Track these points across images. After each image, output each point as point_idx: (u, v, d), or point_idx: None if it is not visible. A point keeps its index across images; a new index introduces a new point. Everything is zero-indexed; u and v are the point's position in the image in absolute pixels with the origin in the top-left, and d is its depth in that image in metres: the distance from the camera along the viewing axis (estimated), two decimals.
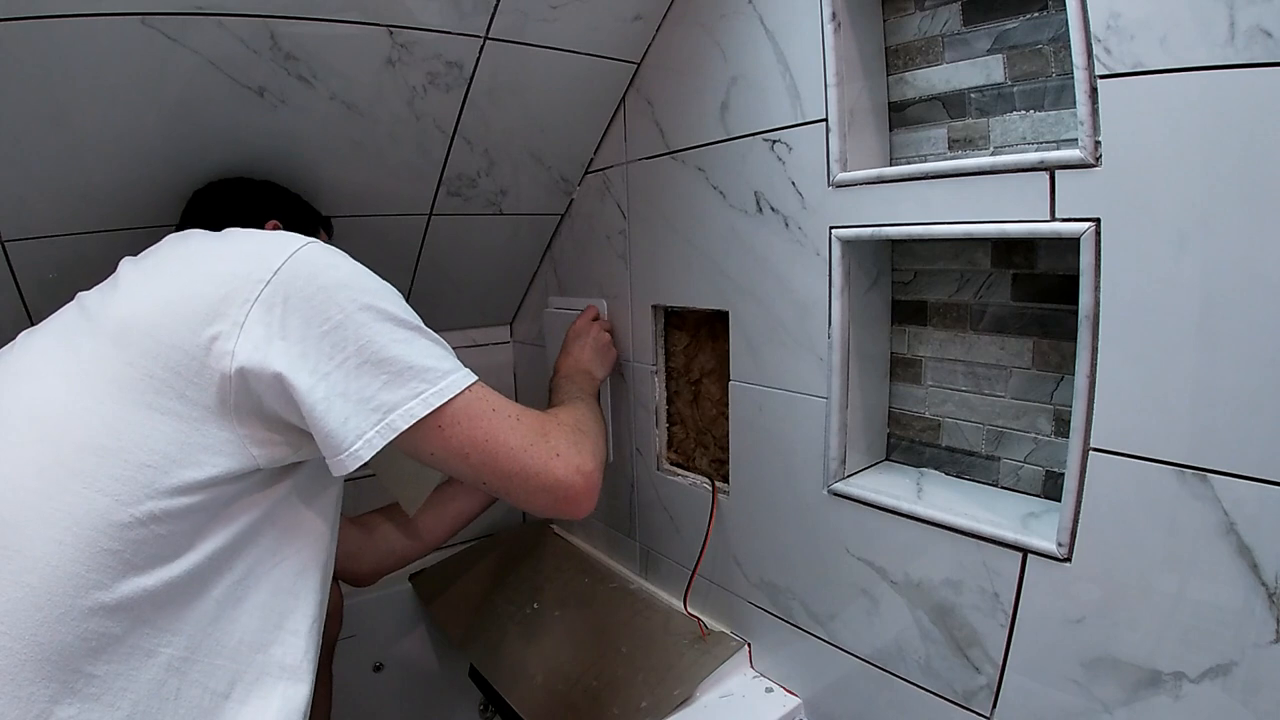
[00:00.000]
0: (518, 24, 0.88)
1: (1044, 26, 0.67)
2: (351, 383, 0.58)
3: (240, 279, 0.57)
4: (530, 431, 0.67)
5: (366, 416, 0.58)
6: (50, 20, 0.66)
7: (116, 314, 0.58)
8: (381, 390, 0.59)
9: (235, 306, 0.56)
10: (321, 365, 0.57)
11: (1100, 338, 0.58)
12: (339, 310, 0.58)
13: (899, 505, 0.74)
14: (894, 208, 0.72)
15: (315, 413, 0.57)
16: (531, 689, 1.00)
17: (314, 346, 0.57)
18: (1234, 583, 0.52)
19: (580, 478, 0.68)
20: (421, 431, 0.60)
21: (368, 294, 0.60)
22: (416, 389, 0.60)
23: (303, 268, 0.58)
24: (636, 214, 1.08)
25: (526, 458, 0.65)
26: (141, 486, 0.53)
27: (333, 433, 0.57)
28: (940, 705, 0.74)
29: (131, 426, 0.54)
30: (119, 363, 0.55)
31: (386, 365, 0.59)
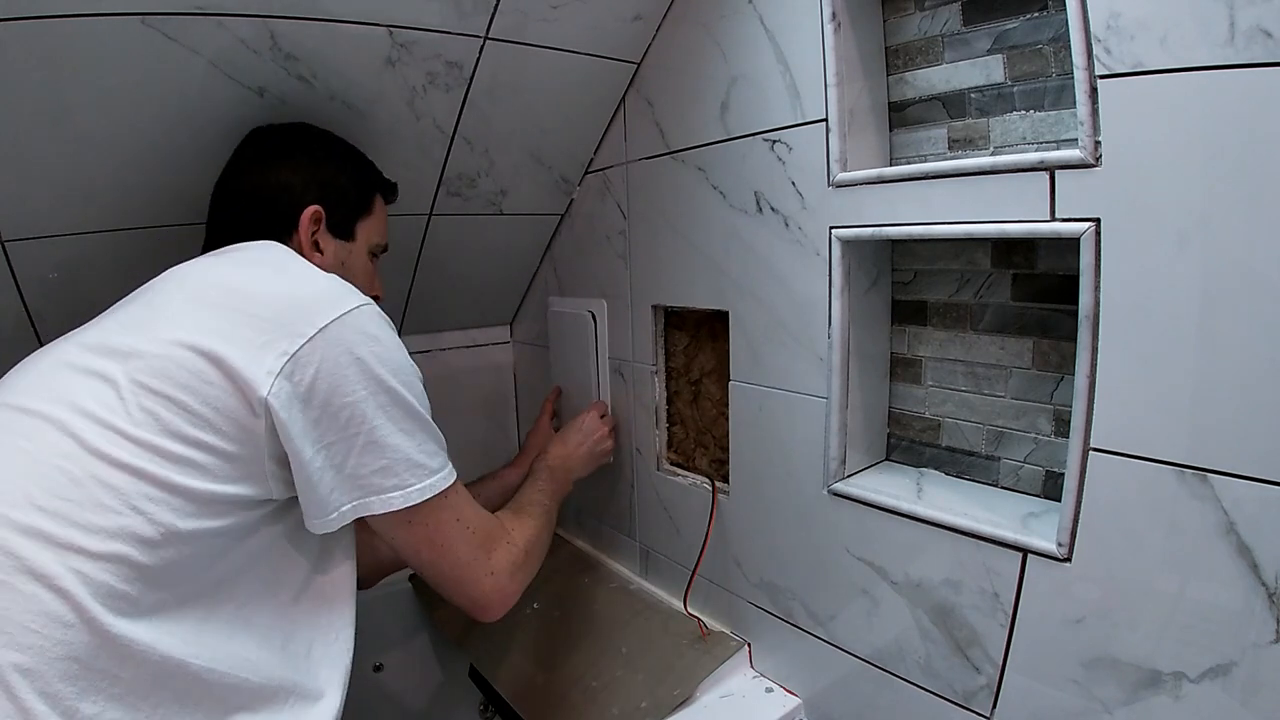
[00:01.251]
0: (518, 24, 0.88)
1: (1044, 26, 0.67)
2: (349, 459, 0.61)
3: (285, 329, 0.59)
4: (478, 548, 0.72)
5: (349, 492, 0.61)
6: (50, 20, 0.66)
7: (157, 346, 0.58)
8: (372, 475, 0.62)
9: (273, 356, 0.58)
10: (328, 436, 0.60)
11: (1100, 338, 0.58)
12: (364, 388, 0.61)
13: (899, 505, 0.74)
14: (894, 208, 0.72)
15: (309, 477, 0.60)
16: (531, 689, 1.00)
17: (329, 417, 0.59)
18: (1234, 583, 0.52)
19: (499, 597, 0.74)
20: (390, 520, 0.64)
21: (395, 375, 0.63)
22: (403, 482, 0.63)
23: (346, 334, 0.61)
24: (636, 214, 1.08)
25: (465, 571, 0.71)
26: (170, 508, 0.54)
27: (318, 500, 0.61)
28: (940, 705, 0.74)
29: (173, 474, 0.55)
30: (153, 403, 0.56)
31: (386, 453, 0.62)
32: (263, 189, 0.76)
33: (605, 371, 1.18)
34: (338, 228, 0.80)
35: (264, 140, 0.81)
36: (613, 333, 1.16)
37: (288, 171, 0.77)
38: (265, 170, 0.77)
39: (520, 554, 0.77)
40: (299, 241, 0.76)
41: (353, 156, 0.84)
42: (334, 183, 0.80)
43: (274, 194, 0.76)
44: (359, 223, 0.83)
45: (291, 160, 0.78)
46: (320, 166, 0.79)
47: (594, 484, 1.27)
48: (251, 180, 0.77)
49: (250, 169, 0.78)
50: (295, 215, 0.76)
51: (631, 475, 1.16)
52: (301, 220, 0.76)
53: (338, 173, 0.81)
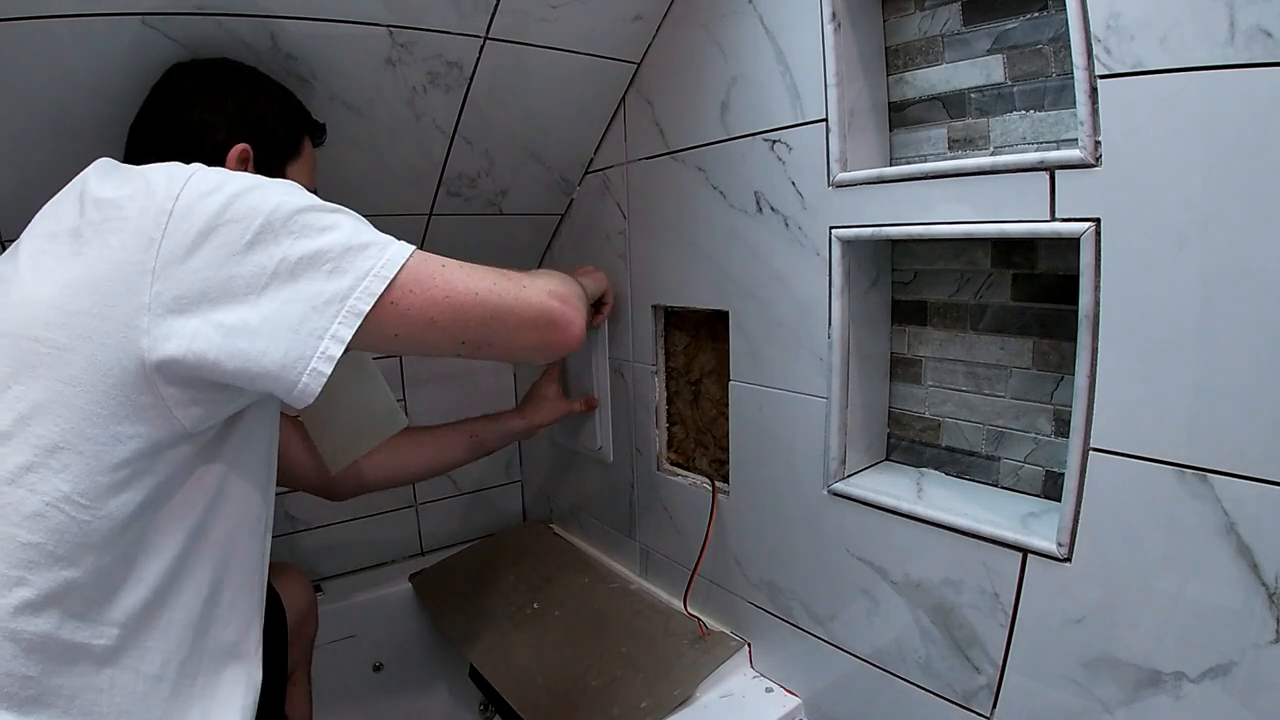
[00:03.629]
0: (518, 24, 0.88)
1: (1044, 26, 0.67)
2: (293, 286, 0.53)
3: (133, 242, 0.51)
4: (488, 275, 0.64)
5: (323, 312, 0.53)
6: (50, 20, 0.66)
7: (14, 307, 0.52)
8: (328, 281, 0.54)
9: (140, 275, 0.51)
10: (257, 280, 0.52)
11: (1100, 338, 0.58)
12: (251, 219, 0.53)
13: (899, 505, 0.74)
14: (894, 208, 0.72)
15: (262, 333, 0.52)
16: (531, 689, 1.00)
17: (238, 264, 0.52)
18: (1234, 583, 0.52)
19: (557, 301, 0.66)
20: (382, 314, 0.56)
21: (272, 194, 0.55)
22: (365, 266, 0.55)
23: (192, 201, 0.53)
24: (636, 214, 1.08)
25: (495, 298, 0.62)
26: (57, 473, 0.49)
27: (289, 349, 0.52)
28: (940, 705, 0.74)
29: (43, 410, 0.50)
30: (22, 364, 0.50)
31: (323, 256, 0.54)
32: (184, 128, 0.69)
33: (605, 371, 1.18)
34: (266, 169, 0.73)
35: (184, 77, 0.72)
36: (613, 333, 1.16)
37: (211, 109, 0.70)
38: (186, 108, 0.70)
39: (533, 274, 0.69)
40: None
41: (279, 94, 0.77)
42: (261, 122, 0.73)
43: (196, 133, 0.69)
44: (288, 165, 0.76)
45: (214, 97, 0.71)
46: (246, 104, 0.72)
47: (594, 484, 1.27)
48: (171, 119, 0.70)
49: (169, 107, 0.70)
50: (220, 155, 0.69)
51: (631, 475, 1.16)
52: (228, 160, 0.69)
53: (265, 112, 0.74)
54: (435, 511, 1.44)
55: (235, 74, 0.74)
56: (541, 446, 1.43)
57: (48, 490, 0.49)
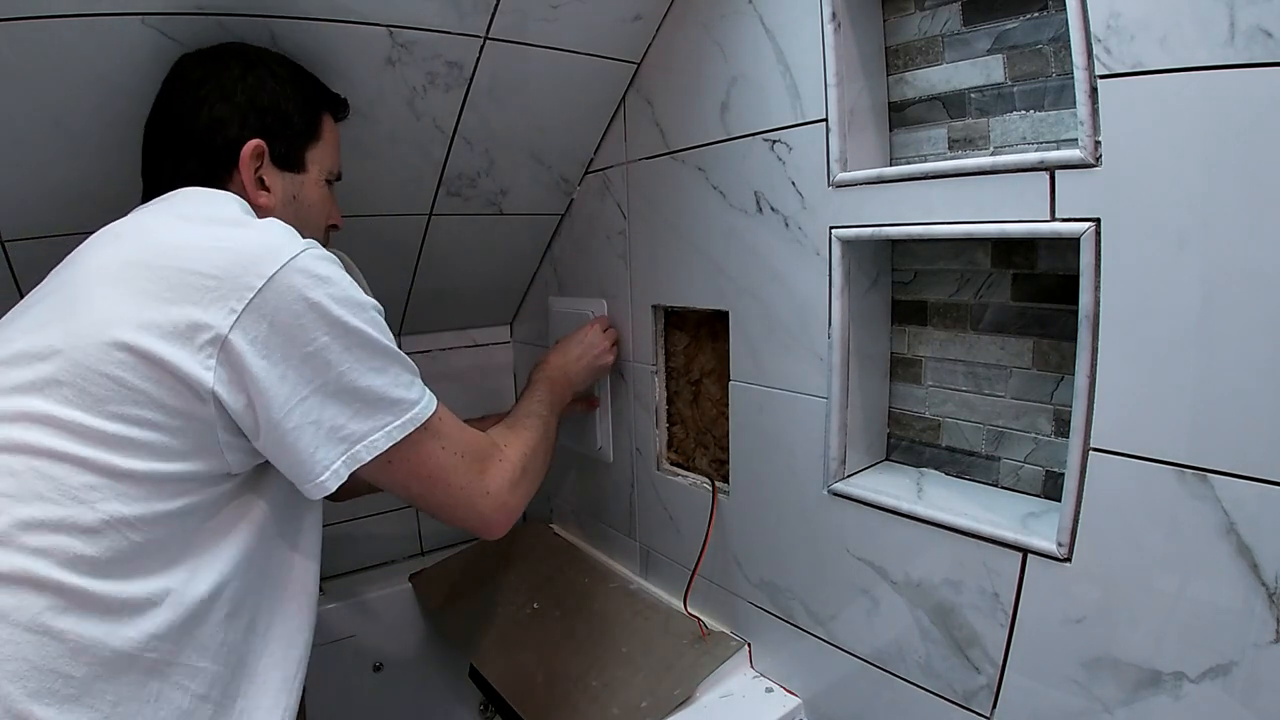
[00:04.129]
0: (518, 24, 0.88)
1: (1044, 26, 0.67)
2: (325, 410, 0.58)
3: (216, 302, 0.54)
4: (469, 470, 0.70)
5: (334, 446, 0.59)
6: (50, 20, 0.66)
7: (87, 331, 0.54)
8: (352, 422, 0.60)
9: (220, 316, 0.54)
10: (298, 392, 0.57)
11: (1100, 338, 0.58)
12: (324, 333, 0.57)
13: (899, 505, 0.74)
14: (894, 208, 0.72)
15: (287, 440, 0.57)
16: (531, 689, 1.00)
17: (294, 371, 0.57)
18: (1234, 583, 0.52)
19: (499, 515, 0.73)
20: (376, 465, 0.62)
21: (354, 314, 0.59)
22: (383, 421, 0.61)
23: (295, 280, 0.56)
24: (636, 214, 1.08)
25: (461, 495, 0.69)
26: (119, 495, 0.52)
27: (303, 463, 0.58)
28: (940, 705, 0.74)
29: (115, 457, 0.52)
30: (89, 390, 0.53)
31: (360, 395, 0.60)
32: (194, 127, 0.68)
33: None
34: (284, 159, 0.72)
35: (190, 70, 0.70)
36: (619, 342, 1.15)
37: (219, 103, 0.68)
38: (195, 104, 0.68)
39: (516, 470, 0.75)
40: (240, 182, 0.69)
41: (294, 75, 0.74)
42: (275, 109, 0.70)
43: (206, 131, 0.68)
44: (309, 150, 0.74)
45: (222, 89, 0.68)
46: (257, 92, 0.70)
47: (594, 484, 1.27)
48: (180, 118, 0.68)
49: (178, 105, 0.69)
50: (234, 153, 0.68)
51: (631, 475, 1.16)
52: (241, 158, 0.68)
53: (278, 97, 0.71)
54: None
55: (242, 60, 0.71)
56: None
57: (107, 510, 0.52)
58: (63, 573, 0.50)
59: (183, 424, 0.55)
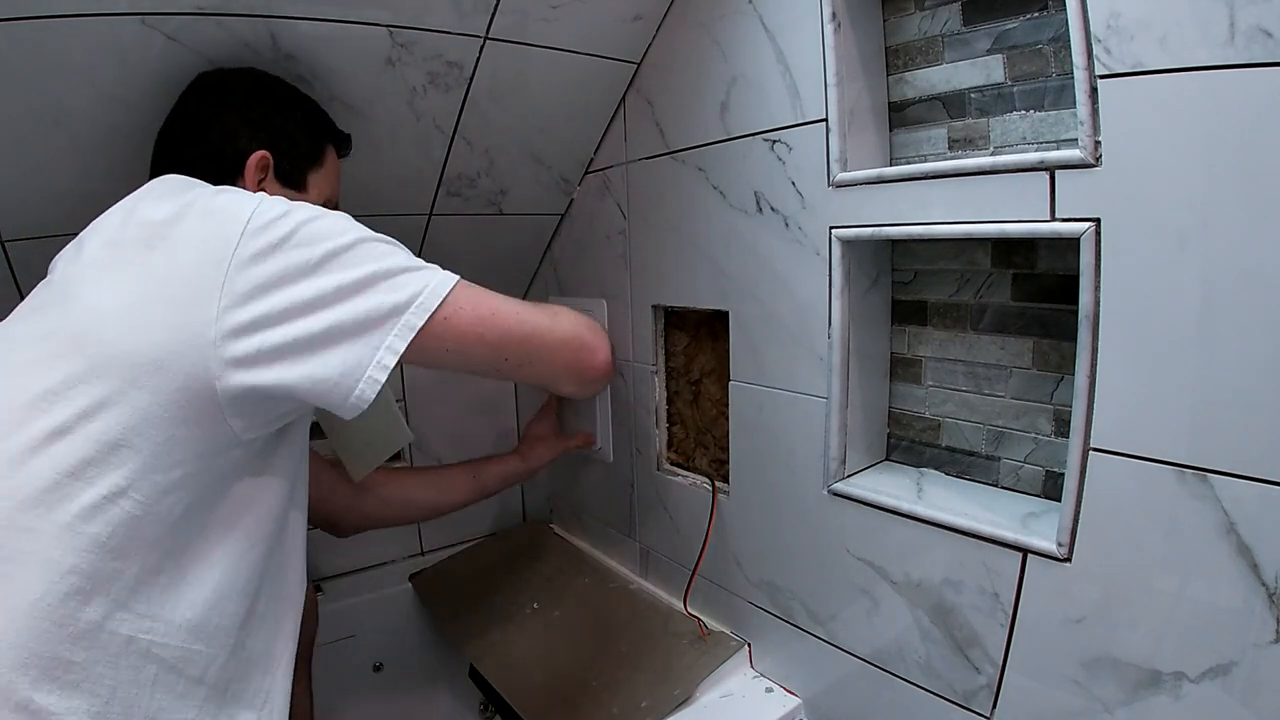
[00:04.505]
0: (518, 24, 0.88)
1: (1044, 26, 0.67)
2: (350, 304, 0.57)
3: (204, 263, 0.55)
4: (523, 305, 0.71)
5: (378, 328, 0.58)
6: (50, 20, 0.66)
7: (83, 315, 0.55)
8: (386, 297, 0.59)
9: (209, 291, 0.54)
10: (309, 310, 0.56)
11: (1100, 338, 0.58)
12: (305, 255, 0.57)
13: (899, 505, 0.74)
14: (894, 208, 0.72)
15: (319, 352, 0.56)
16: (531, 689, 1.00)
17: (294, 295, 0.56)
18: (1234, 583, 0.52)
19: (586, 330, 0.73)
20: (434, 329, 0.61)
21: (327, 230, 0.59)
22: (419, 286, 0.60)
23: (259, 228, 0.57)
24: (636, 214, 1.08)
25: (533, 320, 0.69)
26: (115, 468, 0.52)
27: (341, 363, 0.57)
28: (940, 705, 0.74)
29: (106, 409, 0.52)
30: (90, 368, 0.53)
31: (380, 276, 0.59)
32: (206, 135, 0.72)
33: None
34: (287, 177, 0.75)
35: (208, 86, 0.75)
36: (613, 333, 1.15)
37: (232, 116, 0.72)
38: (208, 115, 0.73)
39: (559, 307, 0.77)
40: (243, 189, 0.70)
41: (303, 104, 0.79)
42: (283, 129, 0.75)
43: (218, 139, 0.71)
44: (310, 173, 0.78)
45: (236, 105, 0.73)
46: (268, 113, 0.74)
47: (594, 484, 1.27)
48: (194, 125, 0.72)
49: (193, 116, 0.73)
50: (240, 161, 0.71)
51: (631, 475, 1.16)
52: (247, 166, 0.71)
53: (286, 120, 0.76)
54: None
55: (258, 83, 0.76)
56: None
57: (105, 484, 0.52)
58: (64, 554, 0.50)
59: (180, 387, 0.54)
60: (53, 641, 0.49)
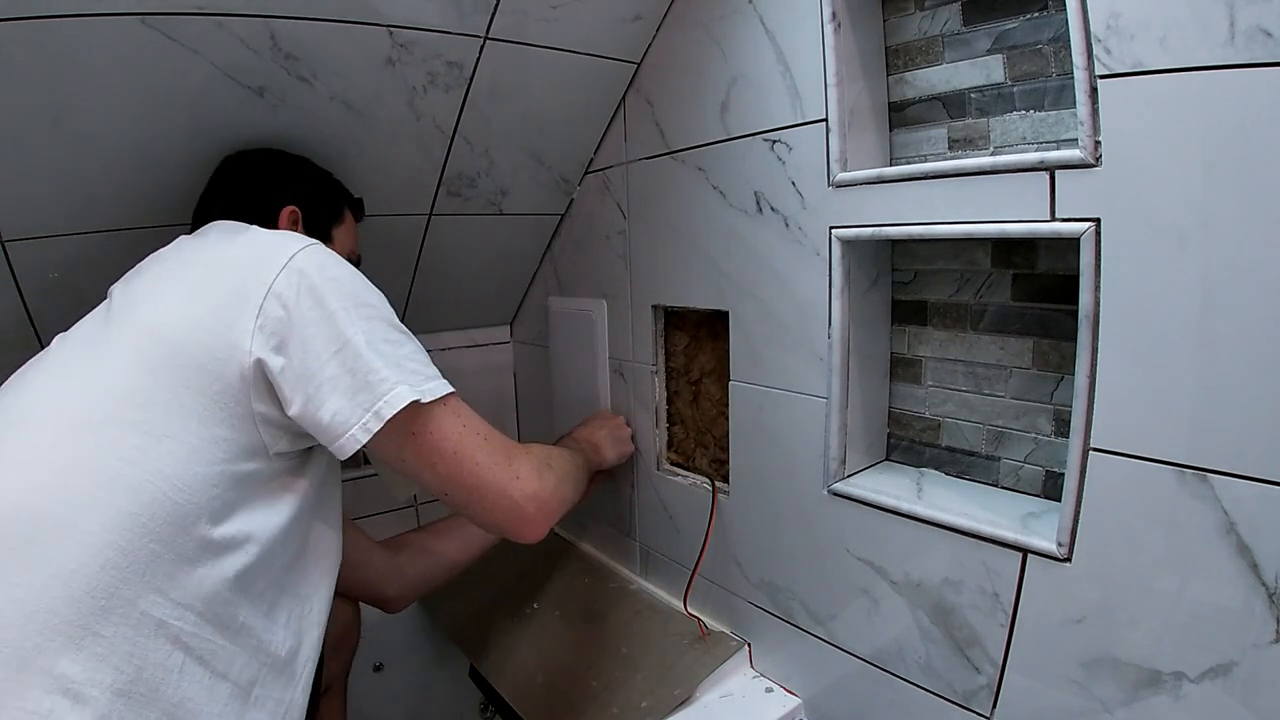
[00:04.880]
0: (518, 24, 0.88)
1: (1044, 26, 0.67)
2: (344, 368, 0.61)
3: (250, 281, 0.61)
4: (496, 451, 0.69)
5: (358, 400, 0.61)
6: (50, 20, 0.66)
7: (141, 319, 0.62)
8: (370, 376, 0.61)
9: (250, 305, 0.60)
10: (322, 353, 0.60)
11: (1100, 338, 0.58)
12: (338, 303, 0.62)
13: (899, 505, 0.74)
14: (894, 208, 0.72)
15: (313, 398, 0.60)
16: (531, 689, 1.00)
17: (315, 334, 0.61)
18: (1234, 583, 0.52)
19: (534, 505, 0.71)
20: (398, 432, 0.63)
21: (364, 292, 0.65)
22: (406, 378, 0.63)
23: (306, 265, 0.63)
24: (636, 214, 1.08)
25: (489, 475, 0.68)
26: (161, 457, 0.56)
27: (331, 423, 0.61)
28: (940, 705, 0.74)
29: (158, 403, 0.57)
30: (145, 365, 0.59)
31: (380, 357, 0.62)
32: (241, 196, 0.81)
33: (605, 371, 1.17)
34: (313, 229, 0.84)
35: (239, 160, 0.86)
36: (613, 333, 1.16)
37: (263, 180, 0.83)
38: (245, 180, 0.83)
39: (541, 461, 0.75)
40: None
41: (322, 174, 0.90)
42: (307, 191, 0.85)
43: (253, 198, 0.81)
44: (333, 228, 0.88)
45: (268, 170, 0.85)
46: (296, 176, 0.86)
47: None
48: (229, 191, 0.82)
49: (229, 181, 0.83)
50: (274, 214, 0.80)
51: (631, 475, 1.16)
52: (280, 218, 0.80)
53: (314, 182, 0.88)
54: (435, 511, 1.44)
55: (282, 155, 0.88)
56: None
57: (151, 468, 0.56)
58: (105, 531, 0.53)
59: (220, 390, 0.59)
60: (84, 611, 0.51)
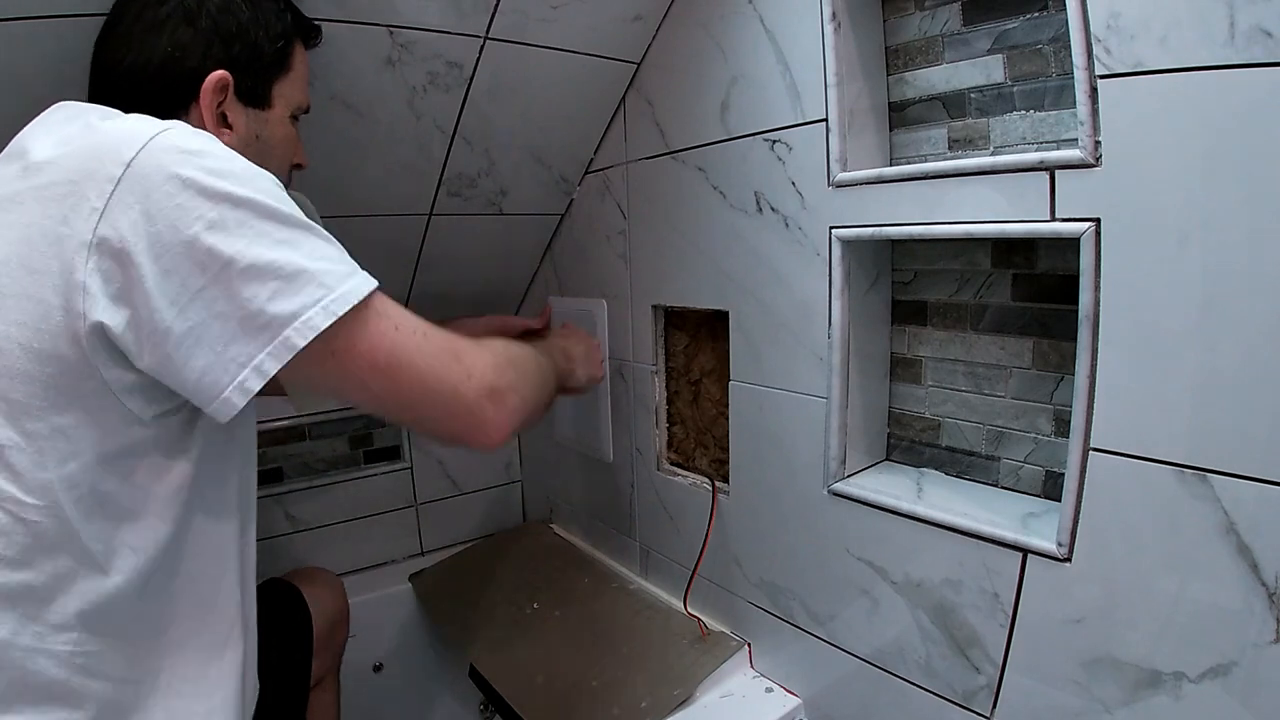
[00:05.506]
0: (518, 24, 0.88)
1: (1044, 26, 0.67)
2: (226, 300, 0.48)
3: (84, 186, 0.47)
4: (440, 350, 0.57)
5: (252, 339, 0.48)
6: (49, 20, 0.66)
7: None
8: (269, 304, 0.48)
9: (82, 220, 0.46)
10: (190, 283, 0.47)
11: (1100, 338, 0.58)
12: (210, 209, 0.47)
13: (899, 505, 0.74)
14: (894, 208, 0.72)
15: (184, 351, 0.48)
16: (531, 689, 1.00)
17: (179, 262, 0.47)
18: (1234, 583, 0.52)
19: (492, 404, 0.58)
20: (315, 357, 0.50)
21: (244, 184, 0.49)
22: (313, 296, 0.49)
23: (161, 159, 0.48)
24: (636, 214, 1.08)
25: (435, 380, 0.56)
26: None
27: (208, 373, 0.48)
28: (940, 705, 0.74)
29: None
30: None
31: (273, 271, 0.48)
32: (151, 54, 0.60)
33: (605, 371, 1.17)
34: (249, 94, 0.65)
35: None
36: (613, 333, 1.16)
37: (182, 26, 0.60)
38: (153, 26, 0.60)
39: (500, 357, 0.62)
40: (199, 117, 0.61)
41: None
42: (244, 37, 0.63)
43: (165, 59, 0.60)
44: (276, 84, 0.67)
45: (185, 10, 0.61)
46: (224, 16, 0.62)
47: (594, 484, 1.27)
48: (136, 40, 0.60)
49: (134, 24, 0.61)
50: (194, 85, 0.61)
51: (631, 475, 1.16)
52: (203, 91, 0.61)
53: (248, 24, 0.63)
54: (435, 511, 1.44)
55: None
56: (541, 446, 1.43)
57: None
58: None
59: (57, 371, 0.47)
60: None
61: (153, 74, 0.60)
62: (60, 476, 0.48)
